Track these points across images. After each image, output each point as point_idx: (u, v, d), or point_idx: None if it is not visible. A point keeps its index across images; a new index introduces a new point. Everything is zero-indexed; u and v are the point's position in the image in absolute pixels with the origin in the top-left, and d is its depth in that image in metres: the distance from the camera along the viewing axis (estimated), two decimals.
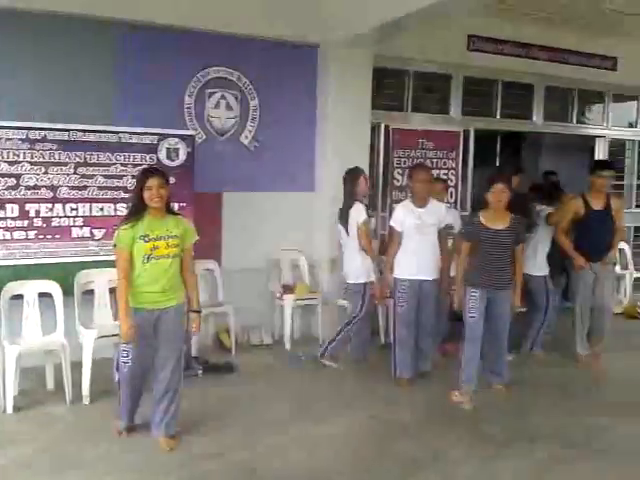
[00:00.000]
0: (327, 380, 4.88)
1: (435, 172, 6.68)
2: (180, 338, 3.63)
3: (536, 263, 5.36)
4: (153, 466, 3.42)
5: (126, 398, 3.67)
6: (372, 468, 3.45)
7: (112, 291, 4.33)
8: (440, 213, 4.75)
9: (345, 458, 3.58)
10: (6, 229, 4.49)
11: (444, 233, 4.84)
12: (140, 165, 4.88)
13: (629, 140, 8.78)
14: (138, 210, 3.44)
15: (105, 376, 4.35)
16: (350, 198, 5.02)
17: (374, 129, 6.43)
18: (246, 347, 5.69)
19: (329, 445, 3.73)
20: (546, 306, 5.41)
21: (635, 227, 8.54)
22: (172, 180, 5.00)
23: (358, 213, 4.94)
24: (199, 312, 3.70)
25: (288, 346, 5.66)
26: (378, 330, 5.80)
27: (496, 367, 4.59)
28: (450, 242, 5.06)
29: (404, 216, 4.68)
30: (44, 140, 4.56)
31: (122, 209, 4.85)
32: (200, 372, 4.90)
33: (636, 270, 7.63)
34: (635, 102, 8.71)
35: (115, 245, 3.44)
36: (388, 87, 6.74)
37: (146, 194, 3.40)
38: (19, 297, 4.43)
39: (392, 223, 4.77)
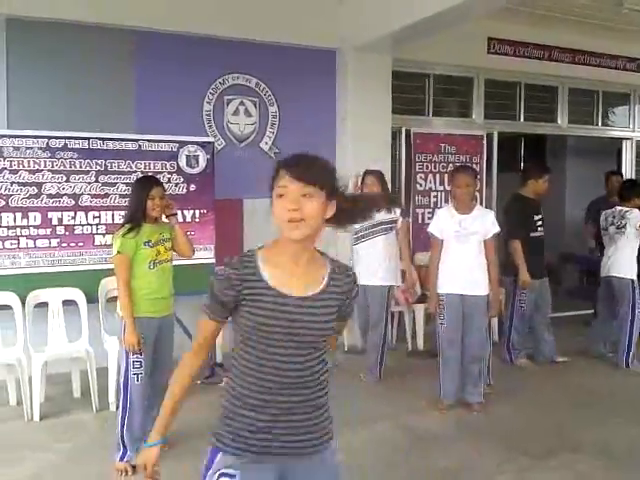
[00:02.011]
0: (354, 388, 4.76)
1: None
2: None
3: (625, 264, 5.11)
4: (172, 477, 3.34)
5: (139, 417, 3.40)
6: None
7: (110, 301, 4.28)
8: (486, 221, 4.22)
9: (373, 469, 3.46)
10: (29, 237, 4.52)
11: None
12: (161, 172, 4.91)
13: None
14: (139, 217, 3.42)
15: None
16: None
17: (395, 134, 6.38)
18: None
19: (355, 456, 3.57)
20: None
21: None
22: (192, 187, 5.06)
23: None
24: None
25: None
26: (405, 336, 5.68)
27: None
28: None
29: (444, 222, 4.26)
30: (65, 149, 4.60)
31: None
32: (225, 379, 4.83)
33: None
34: None
35: (119, 252, 3.36)
36: (409, 91, 6.70)
37: (149, 203, 3.42)
38: (44, 305, 4.46)
39: (431, 230, 4.33)
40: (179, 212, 4.95)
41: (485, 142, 6.81)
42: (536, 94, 7.48)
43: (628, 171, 8.00)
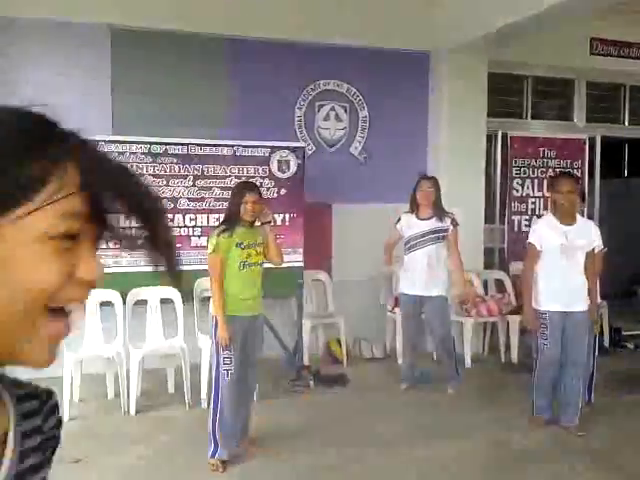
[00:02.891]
0: (441, 400, 4.63)
1: None
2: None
3: None
4: (265, 476, 3.39)
5: (230, 414, 3.45)
6: None
7: (204, 300, 4.39)
8: (590, 232, 4.03)
9: None
10: None
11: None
12: (253, 177, 5.01)
13: None
14: (234, 220, 3.52)
15: None
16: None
17: (490, 138, 6.19)
18: (357, 359, 5.59)
19: (440, 470, 3.49)
20: None
21: None
22: (283, 191, 5.13)
23: None
24: None
25: (400, 361, 5.49)
26: (498, 347, 5.48)
27: None
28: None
29: (546, 233, 4.00)
30: (165, 154, 4.80)
31: None
32: (312, 382, 4.86)
33: None
34: None
35: (213, 251, 3.46)
36: (505, 93, 6.48)
37: (242, 208, 3.51)
38: (143, 302, 4.66)
39: (532, 240, 4.05)
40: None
41: (587, 146, 6.47)
42: None
43: None
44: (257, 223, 3.66)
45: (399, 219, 4.76)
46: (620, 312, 6.37)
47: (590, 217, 6.32)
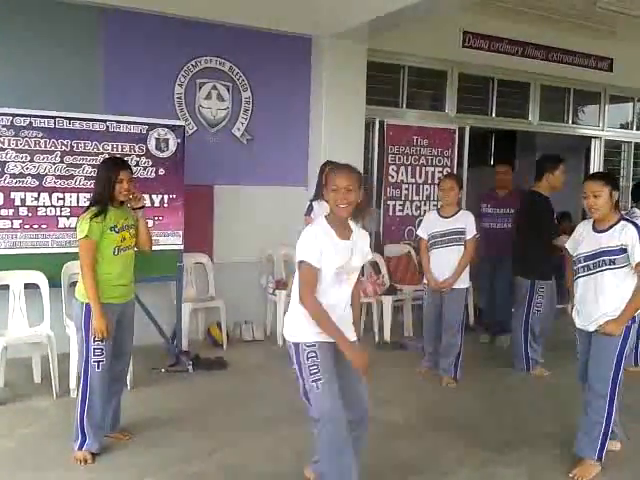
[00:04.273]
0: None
1: (430, 170, 6.66)
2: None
3: None
4: (136, 465, 3.29)
5: (98, 407, 3.32)
6: (364, 470, 3.31)
7: (72, 285, 4.11)
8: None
9: None
10: None
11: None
12: (129, 155, 4.80)
13: (624, 142, 8.75)
14: (105, 200, 3.32)
15: None
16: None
17: (368, 125, 6.36)
18: (238, 343, 5.58)
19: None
20: None
21: None
22: (161, 171, 4.96)
23: None
24: None
25: (280, 342, 5.55)
26: (372, 327, 5.69)
27: None
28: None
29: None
30: (30, 127, 4.44)
31: None
32: (190, 367, 4.78)
33: None
34: (631, 104, 8.70)
35: (86, 237, 3.24)
36: (383, 82, 6.67)
37: (117, 187, 3.34)
38: (4, 288, 4.34)
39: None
40: (147, 196, 4.90)
41: (457, 136, 6.85)
42: (508, 90, 7.54)
43: (596, 170, 8.13)
44: (128, 205, 3.50)
45: None
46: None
47: (458, 204, 6.74)
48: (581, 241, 3.32)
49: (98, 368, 3.29)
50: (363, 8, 5.32)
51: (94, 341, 3.26)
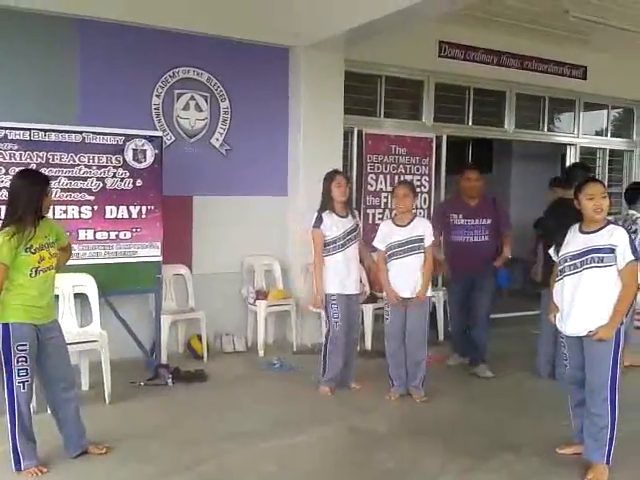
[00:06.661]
0: (302, 389, 4.71)
1: (408, 178, 6.69)
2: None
3: None
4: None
5: (29, 423, 3.22)
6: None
7: None
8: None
9: (318, 470, 3.43)
10: None
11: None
12: (106, 167, 4.76)
13: (599, 148, 8.89)
14: (29, 218, 3.11)
15: None
16: None
17: (347, 134, 6.39)
18: (219, 354, 5.54)
19: (302, 457, 3.57)
20: None
21: None
22: (139, 182, 4.92)
23: None
24: None
25: (262, 353, 5.53)
26: None
27: None
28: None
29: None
30: (4, 140, 4.39)
31: (87, 212, 4.73)
32: (170, 381, 4.73)
33: None
34: (605, 111, 8.85)
35: None
36: (361, 92, 6.71)
37: (45, 201, 3.20)
38: None
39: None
40: (125, 207, 4.86)
41: (434, 145, 6.91)
42: (484, 99, 7.61)
43: None
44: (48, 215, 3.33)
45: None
46: None
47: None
48: (566, 244, 3.38)
49: (24, 389, 3.18)
50: (339, 19, 5.35)
51: (17, 362, 3.13)
